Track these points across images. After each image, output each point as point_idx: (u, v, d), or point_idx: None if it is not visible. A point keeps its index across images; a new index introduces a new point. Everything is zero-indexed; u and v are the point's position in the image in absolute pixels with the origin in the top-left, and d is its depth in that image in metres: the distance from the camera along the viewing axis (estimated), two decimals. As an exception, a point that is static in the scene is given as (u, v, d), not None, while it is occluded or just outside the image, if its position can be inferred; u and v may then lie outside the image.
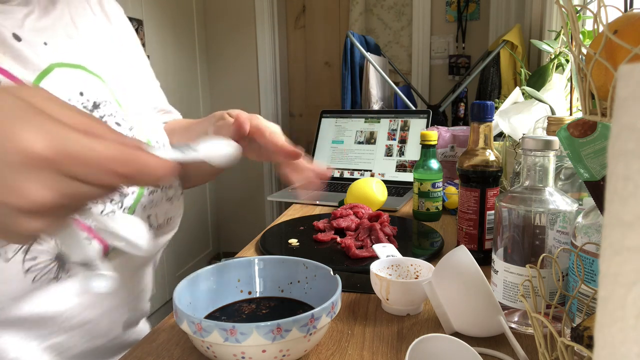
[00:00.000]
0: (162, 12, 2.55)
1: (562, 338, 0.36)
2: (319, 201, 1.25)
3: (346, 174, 1.52)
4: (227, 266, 0.61)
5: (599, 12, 0.32)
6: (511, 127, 1.02)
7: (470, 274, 0.54)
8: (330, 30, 3.02)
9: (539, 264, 0.50)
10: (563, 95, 1.13)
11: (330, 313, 0.50)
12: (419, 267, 0.67)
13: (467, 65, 2.68)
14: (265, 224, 2.98)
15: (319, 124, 1.62)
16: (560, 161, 0.65)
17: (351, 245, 0.83)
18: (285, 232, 0.98)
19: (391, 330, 0.60)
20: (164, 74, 2.57)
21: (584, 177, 0.47)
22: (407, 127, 1.50)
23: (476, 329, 0.56)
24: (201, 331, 0.46)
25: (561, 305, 0.54)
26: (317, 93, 3.13)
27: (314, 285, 0.60)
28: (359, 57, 2.20)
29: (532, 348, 0.54)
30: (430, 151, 1.05)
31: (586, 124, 0.46)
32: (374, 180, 1.11)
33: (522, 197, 0.57)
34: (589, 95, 0.36)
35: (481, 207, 0.78)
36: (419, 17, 2.72)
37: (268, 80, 2.99)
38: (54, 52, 0.55)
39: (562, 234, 0.56)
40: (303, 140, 3.21)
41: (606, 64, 0.32)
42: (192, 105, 2.88)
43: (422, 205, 1.05)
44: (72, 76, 0.56)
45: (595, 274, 0.48)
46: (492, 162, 0.77)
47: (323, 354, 0.54)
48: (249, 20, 2.95)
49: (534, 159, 0.57)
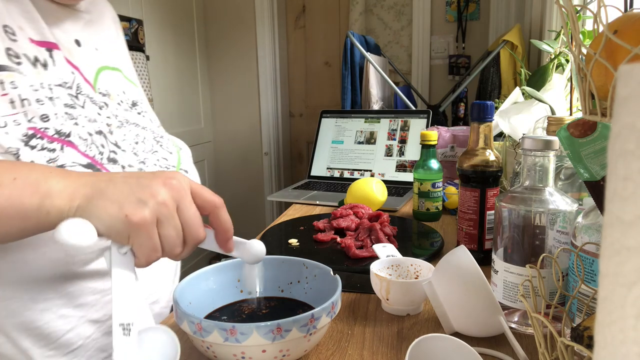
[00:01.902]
0: (162, 12, 2.55)
1: (562, 338, 0.36)
2: (319, 201, 1.25)
3: (346, 174, 1.52)
4: (227, 266, 0.61)
5: (599, 12, 0.32)
6: (511, 127, 1.02)
7: (470, 274, 0.54)
8: (330, 30, 3.02)
9: (539, 264, 0.50)
10: (563, 95, 1.13)
11: (330, 313, 0.50)
12: (419, 267, 0.67)
13: (467, 65, 2.68)
14: (265, 224, 2.98)
15: (319, 124, 1.62)
16: (560, 161, 0.65)
17: (351, 245, 0.83)
18: (285, 232, 0.98)
19: (391, 330, 0.60)
20: (164, 74, 2.57)
21: (584, 177, 0.47)
22: (407, 127, 1.50)
23: (476, 329, 0.56)
24: (201, 331, 0.46)
25: (561, 305, 0.54)
26: (317, 93, 3.13)
27: (314, 285, 0.60)
28: (359, 57, 2.20)
29: (532, 348, 0.54)
30: (430, 151, 1.05)
31: (586, 124, 0.46)
32: (374, 180, 1.11)
33: (522, 197, 0.57)
34: (589, 95, 0.36)
35: (481, 207, 0.78)
36: (419, 17, 2.72)
37: (268, 80, 2.98)
38: (102, 57, 0.68)
39: (562, 234, 0.56)
40: (303, 140, 3.21)
41: (606, 64, 0.32)
42: (192, 105, 2.88)
43: (422, 205, 1.05)
44: (115, 77, 0.70)
45: (595, 274, 0.48)
46: (492, 162, 0.77)
47: (323, 354, 0.54)
48: (249, 20, 2.95)
49: (534, 159, 0.57)
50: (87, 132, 0.58)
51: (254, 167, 3.10)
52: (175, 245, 0.45)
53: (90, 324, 0.59)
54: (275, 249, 0.87)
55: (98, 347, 0.61)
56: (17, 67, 0.54)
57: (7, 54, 0.54)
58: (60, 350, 0.57)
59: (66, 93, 0.58)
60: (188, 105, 2.83)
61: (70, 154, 0.54)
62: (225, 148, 3.13)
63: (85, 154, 0.56)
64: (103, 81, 0.66)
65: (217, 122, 3.11)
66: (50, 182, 0.45)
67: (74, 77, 0.60)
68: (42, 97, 0.54)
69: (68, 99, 0.58)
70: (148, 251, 0.44)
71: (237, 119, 3.08)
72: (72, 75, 0.60)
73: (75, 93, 0.60)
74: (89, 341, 0.60)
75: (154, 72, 2.42)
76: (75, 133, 0.56)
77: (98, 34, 0.70)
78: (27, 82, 0.54)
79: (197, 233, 0.47)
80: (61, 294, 0.56)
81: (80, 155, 0.55)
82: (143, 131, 0.70)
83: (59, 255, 0.54)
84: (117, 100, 0.68)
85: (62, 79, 0.58)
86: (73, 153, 0.55)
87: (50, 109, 0.55)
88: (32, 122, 0.53)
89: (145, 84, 2.21)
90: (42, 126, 0.53)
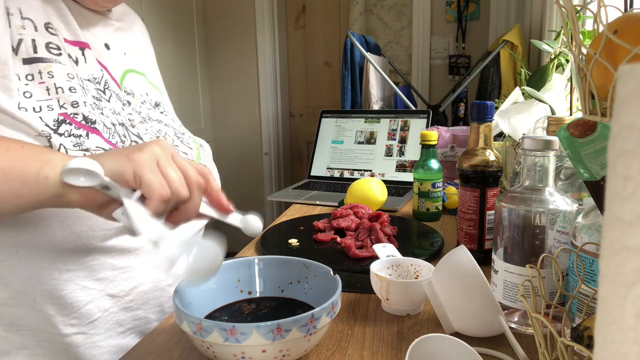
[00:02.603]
0: (162, 12, 2.55)
1: (562, 338, 0.36)
2: (319, 201, 1.25)
3: (346, 174, 1.52)
4: (227, 266, 0.61)
5: (599, 12, 0.32)
6: (511, 127, 1.02)
7: (470, 274, 0.54)
8: (330, 30, 3.02)
9: (539, 264, 0.50)
10: (563, 95, 1.13)
11: (330, 313, 0.50)
12: (419, 267, 0.67)
13: (467, 65, 2.68)
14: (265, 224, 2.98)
15: (319, 124, 1.62)
16: (560, 161, 0.65)
17: (351, 245, 0.83)
18: (285, 232, 0.98)
19: (391, 330, 0.60)
20: (164, 74, 2.57)
21: (584, 177, 0.47)
22: (407, 127, 1.50)
23: (476, 329, 0.56)
24: (201, 331, 0.46)
25: (561, 305, 0.54)
26: (317, 93, 3.13)
27: (314, 285, 0.60)
28: (359, 57, 2.20)
29: (532, 348, 0.54)
30: (430, 151, 1.05)
31: (586, 124, 0.46)
32: (374, 180, 1.11)
33: (522, 197, 0.57)
34: (589, 95, 0.36)
35: (481, 207, 0.78)
36: (419, 17, 2.72)
37: (268, 80, 2.98)
38: (129, 60, 0.74)
39: (562, 234, 0.56)
40: (303, 140, 3.21)
41: (606, 64, 0.32)
42: (192, 105, 2.88)
43: (422, 205, 1.05)
44: (140, 80, 0.76)
45: (595, 274, 0.48)
46: (492, 162, 0.77)
47: (323, 354, 0.54)
48: (249, 20, 2.95)
49: (534, 159, 0.57)
50: (110, 122, 0.63)
51: (254, 167, 3.10)
52: (180, 186, 0.48)
53: (109, 298, 0.63)
54: (275, 249, 0.87)
55: (116, 320, 0.65)
56: (56, 57, 0.60)
57: (48, 47, 0.60)
58: (80, 320, 0.62)
59: (94, 87, 0.64)
60: (188, 105, 2.83)
61: (95, 139, 0.59)
62: (225, 148, 3.12)
63: (109, 140, 0.61)
64: (129, 82, 0.72)
65: (217, 122, 3.11)
66: (54, 155, 0.50)
67: (102, 74, 0.66)
68: (75, 86, 0.60)
69: (95, 92, 0.64)
70: (157, 188, 0.46)
71: (237, 119, 3.08)
72: (101, 72, 0.66)
73: (103, 88, 0.66)
74: (107, 314, 0.64)
75: (154, 72, 2.41)
76: (100, 121, 0.61)
77: (127, 41, 0.76)
78: (64, 70, 0.60)
79: (196, 177, 0.50)
80: (83, 266, 0.61)
81: (104, 142, 0.60)
82: (165, 127, 0.75)
83: (81, 228, 0.58)
84: (141, 100, 0.74)
85: (92, 75, 0.65)
86: (97, 139, 0.59)
87: (80, 97, 0.60)
88: (64, 107, 0.58)
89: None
90: (72, 112, 0.59)
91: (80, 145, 0.57)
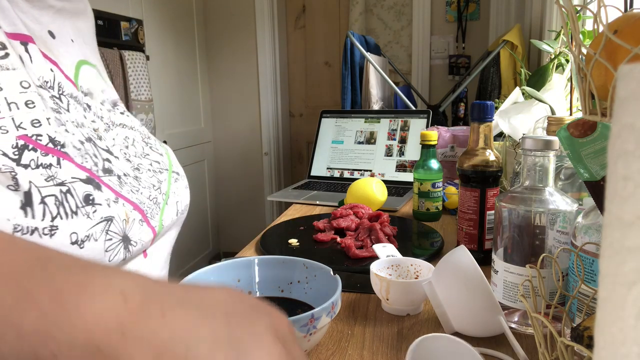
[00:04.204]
0: (162, 12, 2.55)
1: (562, 338, 0.36)
2: (319, 201, 1.25)
3: (346, 174, 1.52)
4: (227, 266, 0.61)
5: (599, 12, 0.32)
6: (511, 127, 1.02)
7: (470, 274, 0.54)
8: (330, 30, 3.02)
9: (539, 264, 0.50)
10: (563, 95, 1.13)
11: (330, 313, 0.50)
12: (419, 267, 0.67)
13: (467, 65, 2.68)
14: (265, 224, 2.98)
15: (319, 124, 1.62)
16: (560, 161, 0.65)
17: (351, 245, 0.83)
18: (285, 232, 0.98)
19: (391, 330, 0.60)
20: (164, 74, 2.57)
21: (584, 177, 0.47)
22: (407, 127, 1.50)
23: (476, 329, 0.56)
24: (201, 331, 0.46)
25: (561, 305, 0.54)
26: (317, 93, 3.13)
27: (314, 285, 0.60)
28: (359, 57, 2.20)
29: (532, 348, 0.54)
30: (430, 151, 1.05)
31: (586, 124, 0.46)
32: (374, 180, 1.11)
33: (522, 197, 0.57)
34: (589, 95, 0.36)
35: (481, 207, 0.78)
36: (419, 17, 2.72)
37: (268, 80, 2.98)
38: (78, 50, 0.59)
39: (562, 234, 0.56)
40: (303, 140, 3.21)
41: (606, 64, 0.32)
42: (192, 105, 2.88)
43: (422, 205, 1.05)
44: (94, 74, 0.61)
45: (595, 274, 0.48)
46: (492, 162, 0.77)
47: (323, 354, 0.54)
48: (249, 20, 2.95)
49: (534, 159, 0.57)
50: (78, 140, 0.49)
51: (254, 167, 3.10)
52: None
53: None
54: (275, 249, 0.87)
55: None
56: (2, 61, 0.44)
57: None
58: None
59: (49, 95, 0.49)
60: (188, 106, 2.83)
61: (68, 167, 0.46)
62: (225, 148, 3.13)
63: (81, 166, 0.48)
64: (84, 78, 0.58)
65: (217, 122, 3.11)
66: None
67: (53, 75, 0.51)
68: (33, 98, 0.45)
69: (52, 103, 0.49)
70: None
71: (237, 119, 3.08)
72: (52, 73, 0.51)
73: (58, 94, 0.51)
74: None
75: (154, 72, 2.42)
76: (69, 142, 0.48)
77: (71, 24, 0.59)
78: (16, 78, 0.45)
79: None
80: None
81: (78, 169, 0.47)
82: (131, 132, 0.63)
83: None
84: (100, 100, 0.60)
85: (42, 77, 0.49)
86: (70, 167, 0.46)
87: (41, 113, 0.45)
88: (21, 128, 0.43)
89: (145, 84, 2.20)
90: (34, 133, 0.44)
91: (54, 179, 0.43)
